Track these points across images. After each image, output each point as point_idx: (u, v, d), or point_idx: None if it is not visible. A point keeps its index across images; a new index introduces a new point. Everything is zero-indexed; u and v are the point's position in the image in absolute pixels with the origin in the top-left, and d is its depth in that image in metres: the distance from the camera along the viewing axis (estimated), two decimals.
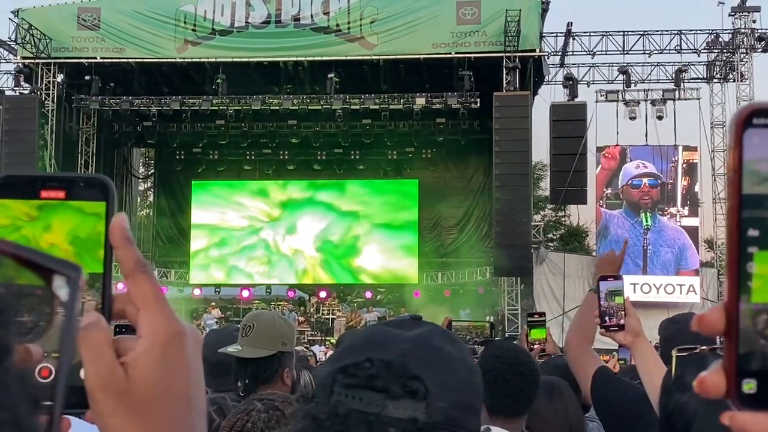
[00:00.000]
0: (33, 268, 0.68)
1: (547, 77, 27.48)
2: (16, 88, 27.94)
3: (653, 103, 27.89)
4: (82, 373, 0.79)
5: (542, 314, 5.17)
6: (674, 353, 2.88)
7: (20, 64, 27.20)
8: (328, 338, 28.05)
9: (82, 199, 0.83)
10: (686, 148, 28.01)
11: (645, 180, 27.61)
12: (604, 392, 3.43)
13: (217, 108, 27.14)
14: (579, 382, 3.61)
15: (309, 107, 27.19)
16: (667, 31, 27.61)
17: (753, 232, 0.62)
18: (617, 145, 28.14)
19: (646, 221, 27.45)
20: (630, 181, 27.63)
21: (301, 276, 30.43)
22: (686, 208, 27.76)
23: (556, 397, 3.58)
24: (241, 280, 30.29)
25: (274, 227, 30.47)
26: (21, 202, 0.82)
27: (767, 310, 0.62)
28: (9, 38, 27.48)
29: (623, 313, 3.07)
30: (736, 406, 0.63)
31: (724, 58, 28.19)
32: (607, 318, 3.08)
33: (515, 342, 4.50)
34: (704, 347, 2.85)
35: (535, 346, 5.08)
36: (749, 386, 0.62)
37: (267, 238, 30.46)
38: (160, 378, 0.78)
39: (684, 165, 27.85)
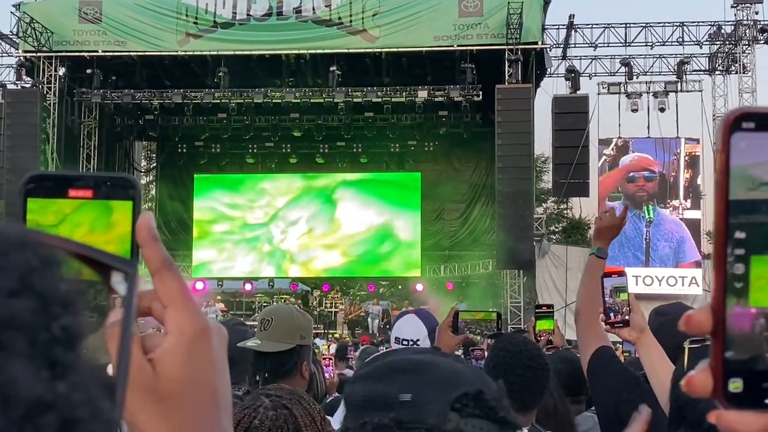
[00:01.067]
0: (93, 264, 0.69)
1: (549, 70, 27.49)
2: (17, 82, 27.94)
3: (655, 95, 27.86)
4: (110, 369, 0.80)
5: (550, 306, 5.19)
6: (686, 345, 2.88)
7: (22, 58, 27.18)
8: (331, 331, 28.11)
9: (109, 198, 0.83)
10: (688, 141, 28.00)
11: (641, 173, 27.60)
12: (600, 369, 3.45)
13: (219, 101, 27.15)
14: (581, 356, 3.61)
15: (311, 100, 27.17)
16: (669, 23, 27.59)
17: (740, 235, 0.63)
18: (620, 137, 28.14)
19: (648, 214, 27.45)
20: (626, 175, 27.62)
21: (303, 269, 30.45)
22: (688, 200, 27.76)
23: (545, 392, 3.59)
24: (243, 273, 30.32)
25: (276, 220, 30.49)
26: (49, 201, 0.83)
27: (765, 314, 0.63)
28: (11, 32, 27.52)
29: (628, 309, 3.07)
30: (722, 405, 0.64)
31: (727, 50, 28.16)
32: (611, 314, 3.09)
33: (524, 335, 4.51)
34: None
35: (542, 337, 5.09)
36: (735, 386, 0.63)
37: (269, 231, 30.48)
38: (187, 374, 0.79)
39: (686, 157, 27.85)
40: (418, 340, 3.89)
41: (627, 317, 3.06)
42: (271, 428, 2.38)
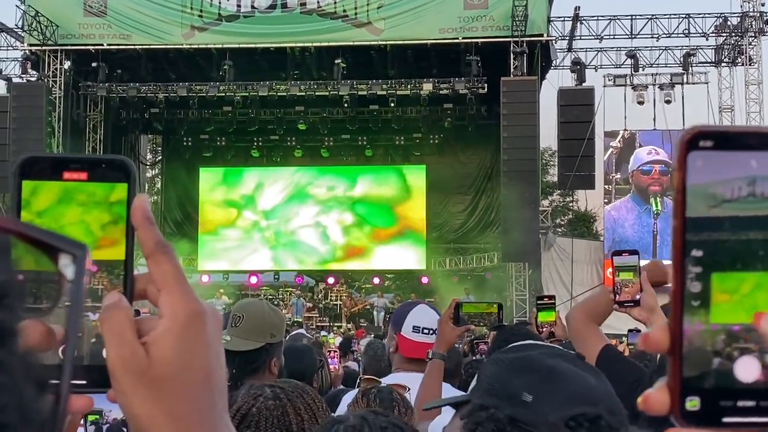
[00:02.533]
0: (39, 246, 0.68)
1: (554, 62, 27.42)
2: (23, 76, 28.00)
3: (661, 87, 27.79)
4: (104, 353, 0.79)
5: (552, 297, 5.17)
6: None
7: (27, 52, 27.23)
8: (336, 324, 28.15)
9: (104, 180, 0.83)
10: None
11: (656, 167, 27.58)
12: (611, 365, 3.44)
13: (224, 94, 27.15)
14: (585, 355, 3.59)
15: (316, 93, 27.16)
16: (675, 14, 27.51)
17: (697, 253, 0.63)
18: (626, 129, 28.10)
19: (656, 206, 27.43)
20: (640, 167, 27.58)
21: (308, 262, 30.47)
22: None
23: None
24: (249, 266, 30.35)
25: (281, 213, 30.51)
26: (44, 183, 0.82)
27: (726, 330, 0.63)
28: (16, 25, 27.53)
29: (639, 288, 3.05)
30: (679, 424, 0.64)
31: (733, 42, 28.07)
32: (621, 293, 3.08)
33: (528, 327, 4.50)
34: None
35: (544, 329, 5.07)
36: (692, 404, 0.63)
37: (274, 224, 30.51)
38: (180, 357, 0.79)
39: None
40: (436, 329, 3.89)
41: (638, 297, 3.04)
42: (268, 417, 2.39)
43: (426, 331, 3.99)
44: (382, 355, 6.24)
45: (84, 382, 0.81)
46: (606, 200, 28.26)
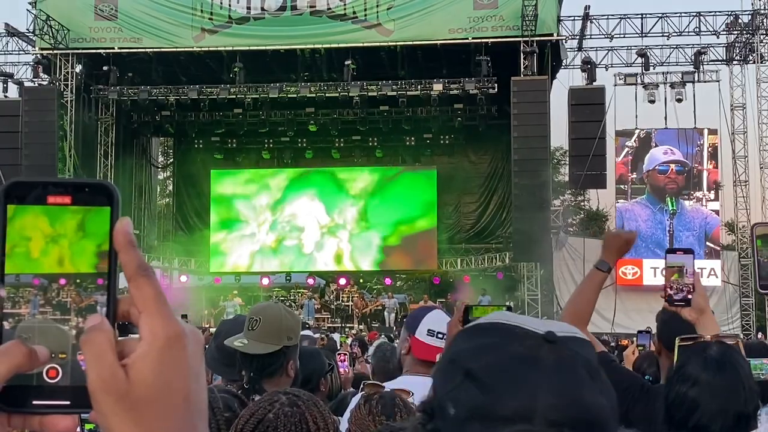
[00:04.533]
0: None
1: (565, 61, 27.38)
2: (35, 80, 28.13)
3: (672, 85, 27.70)
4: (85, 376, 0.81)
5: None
6: (677, 342, 2.86)
7: (38, 56, 27.36)
8: (348, 325, 28.15)
9: (87, 204, 0.84)
10: (711, 132, 27.87)
11: (672, 166, 27.51)
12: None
13: (234, 96, 27.23)
14: None
15: (326, 95, 27.20)
16: (685, 13, 27.42)
17: None
18: (641, 129, 28.04)
19: (672, 206, 27.35)
20: (657, 167, 27.50)
21: (320, 263, 30.50)
22: (712, 192, 27.64)
23: None
24: (260, 267, 30.40)
25: (292, 215, 30.55)
26: (28, 207, 0.83)
27: None
28: (27, 30, 27.65)
29: (691, 288, 3.04)
30: None
31: (744, 40, 27.96)
32: (673, 292, 3.07)
33: None
34: (707, 336, 2.84)
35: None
36: None
37: (286, 226, 30.54)
38: (160, 379, 0.80)
39: (710, 149, 27.73)
40: None
41: (689, 296, 3.04)
42: (286, 424, 2.40)
43: (440, 335, 4.02)
44: (390, 357, 6.25)
45: (68, 402, 0.82)
46: (620, 200, 28.15)
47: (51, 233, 0.83)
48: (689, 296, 3.04)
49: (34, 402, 0.81)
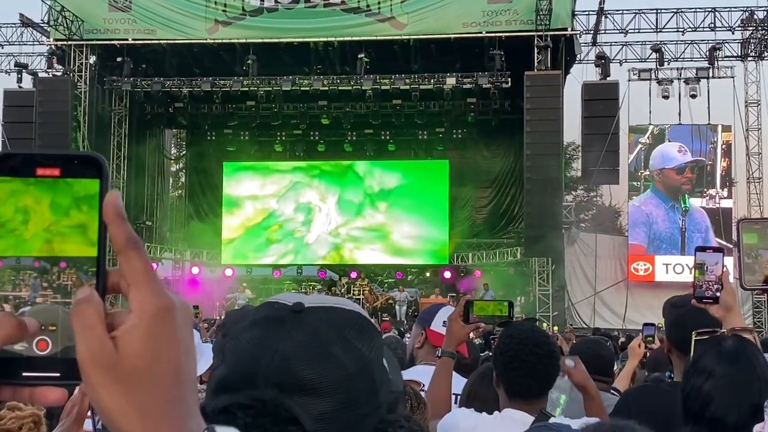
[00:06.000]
0: None
1: (578, 56, 27.30)
2: (49, 70, 28.23)
3: (687, 81, 27.58)
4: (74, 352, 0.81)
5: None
6: (694, 336, 2.88)
7: (53, 46, 27.43)
8: None
9: (76, 176, 0.84)
10: (724, 128, 27.75)
11: (688, 166, 27.42)
12: None
13: (247, 89, 27.24)
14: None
15: (339, 88, 27.20)
16: (701, 8, 27.28)
17: None
18: (653, 124, 27.94)
19: (685, 204, 27.26)
20: (676, 166, 27.38)
21: (331, 256, 30.54)
22: (725, 189, 27.54)
23: (553, 380, 3.59)
24: (272, 260, 30.47)
25: (304, 207, 30.58)
26: (17, 180, 0.83)
27: None
28: (41, 20, 27.74)
29: (719, 286, 3.05)
30: None
31: (759, 36, 27.81)
32: (701, 290, 3.08)
33: (536, 323, 4.54)
34: (723, 330, 2.86)
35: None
36: None
37: (298, 218, 30.59)
38: (149, 352, 0.80)
39: (723, 146, 27.62)
40: None
41: (718, 294, 3.05)
42: None
43: None
44: (395, 349, 6.32)
45: (57, 374, 0.82)
46: (633, 196, 28.08)
47: (39, 206, 0.83)
48: (717, 294, 3.05)
49: (24, 374, 0.81)
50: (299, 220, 30.59)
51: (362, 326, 1.22)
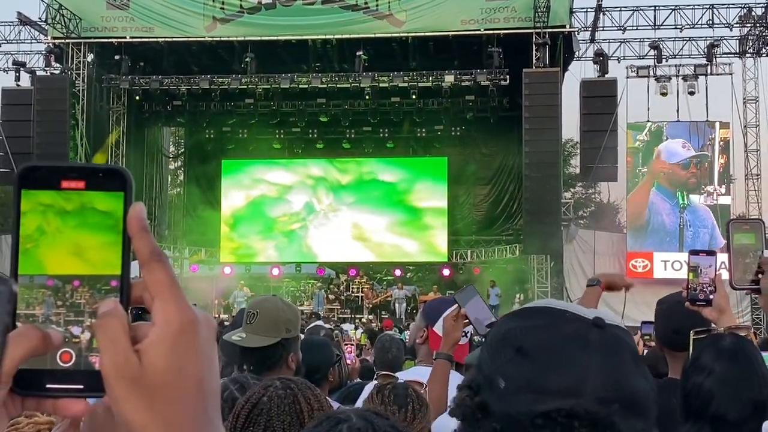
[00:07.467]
0: None
1: (577, 53, 27.29)
2: (46, 68, 28.16)
3: (685, 78, 27.56)
4: (96, 362, 0.81)
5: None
6: (692, 335, 2.92)
7: (51, 45, 27.40)
8: (357, 316, 28.22)
9: (101, 189, 0.84)
10: (723, 125, 27.74)
11: (693, 161, 27.42)
12: None
13: (246, 87, 27.22)
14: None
15: (337, 85, 27.19)
16: (698, 5, 27.26)
17: None
18: (652, 122, 27.94)
19: (683, 200, 27.27)
20: (680, 162, 27.37)
21: (330, 253, 30.51)
22: (723, 186, 27.54)
23: None
24: (270, 258, 30.45)
25: (303, 205, 30.57)
26: (42, 192, 0.83)
27: None
28: (39, 18, 27.68)
29: (712, 289, 3.09)
30: None
31: (757, 33, 27.80)
32: (694, 292, 3.10)
33: None
34: (720, 328, 2.90)
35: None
36: None
37: (296, 216, 30.57)
38: (173, 365, 0.80)
39: (721, 142, 27.61)
40: (465, 331, 4.00)
41: (711, 297, 3.08)
42: (279, 405, 2.44)
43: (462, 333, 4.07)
44: (389, 348, 6.37)
45: (81, 386, 0.83)
46: (630, 193, 28.08)
47: (64, 219, 0.84)
48: (711, 296, 3.08)
49: (48, 385, 0.82)
50: (298, 217, 30.57)
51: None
